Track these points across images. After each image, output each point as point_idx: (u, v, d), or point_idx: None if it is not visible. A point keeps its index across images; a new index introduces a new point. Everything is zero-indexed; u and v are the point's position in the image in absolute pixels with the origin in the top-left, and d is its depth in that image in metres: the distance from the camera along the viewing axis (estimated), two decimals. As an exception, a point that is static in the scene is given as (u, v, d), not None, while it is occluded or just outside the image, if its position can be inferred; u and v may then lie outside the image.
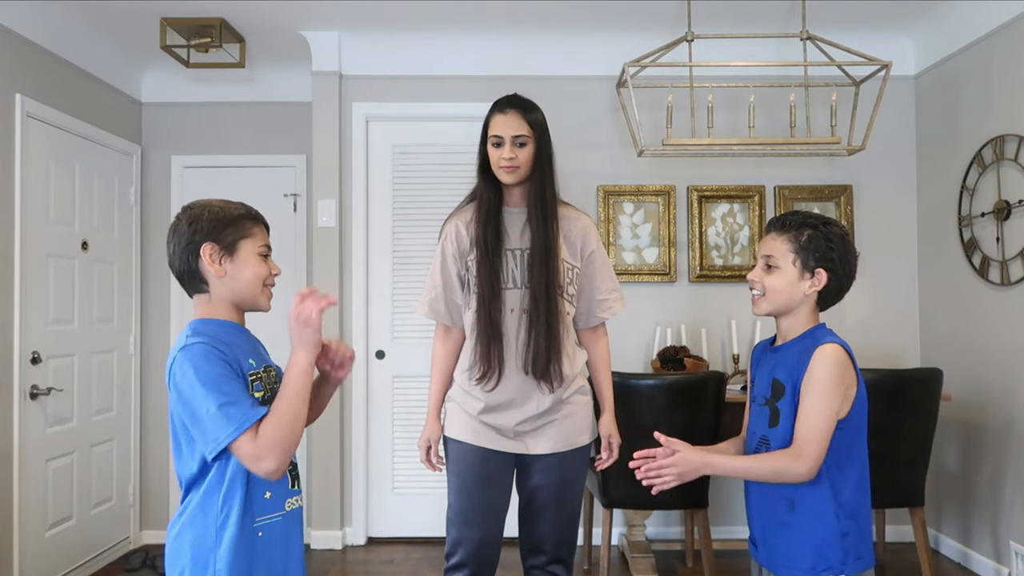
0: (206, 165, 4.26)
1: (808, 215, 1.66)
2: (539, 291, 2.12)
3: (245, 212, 1.54)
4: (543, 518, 2.18)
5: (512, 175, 2.15)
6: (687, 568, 3.59)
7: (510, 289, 2.16)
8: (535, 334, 2.12)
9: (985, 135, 3.45)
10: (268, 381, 1.52)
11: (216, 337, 1.45)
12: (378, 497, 3.99)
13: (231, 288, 1.50)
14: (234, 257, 1.50)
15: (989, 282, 3.43)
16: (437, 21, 3.72)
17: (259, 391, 1.47)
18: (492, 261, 2.14)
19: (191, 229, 1.48)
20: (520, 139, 2.15)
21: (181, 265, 1.49)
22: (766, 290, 1.65)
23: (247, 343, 1.54)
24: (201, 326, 1.48)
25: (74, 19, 3.55)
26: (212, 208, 1.51)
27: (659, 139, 3.79)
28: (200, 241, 1.48)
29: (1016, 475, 3.27)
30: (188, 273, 1.50)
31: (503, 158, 2.14)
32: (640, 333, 3.97)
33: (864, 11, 3.61)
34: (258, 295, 1.53)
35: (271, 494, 1.47)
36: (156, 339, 4.22)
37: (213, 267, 1.48)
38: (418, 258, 3.98)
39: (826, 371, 1.55)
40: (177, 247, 1.49)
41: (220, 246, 1.49)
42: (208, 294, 1.51)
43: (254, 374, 1.49)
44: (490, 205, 2.19)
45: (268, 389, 1.51)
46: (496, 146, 2.16)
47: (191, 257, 1.48)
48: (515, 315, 2.15)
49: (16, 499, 3.16)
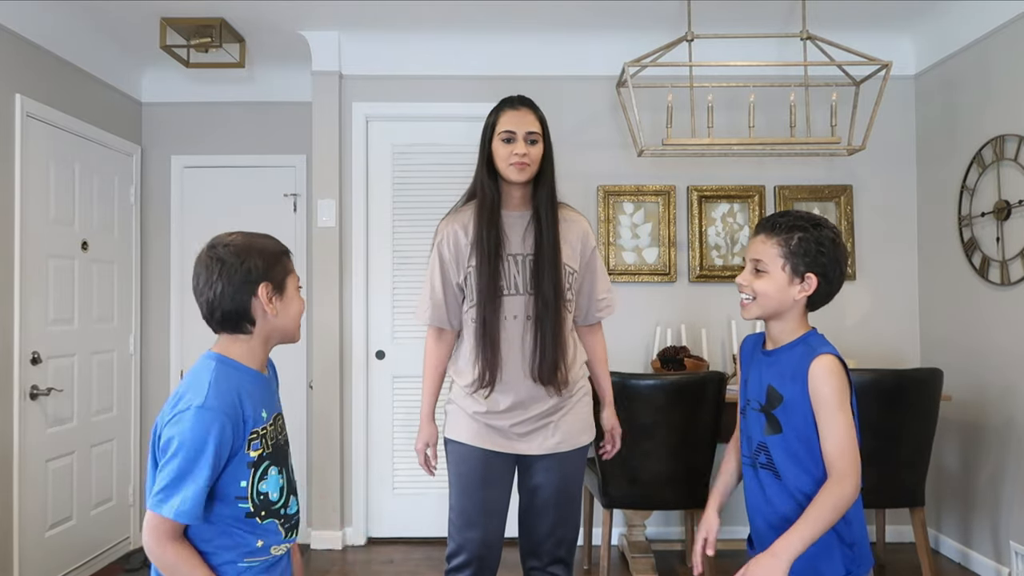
0: (206, 165, 4.26)
1: (798, 216, 1.62)
2: (548, 297, 2.09)
3: (282, 247, 1.53)
4: (543, 518, 2.18)
5: (523, 172, 2.11)
6: (687, 568, 3.59)
7: (511, 295, 2.12)
8: (542, 341, 2.09)
9: (985, 135, 3.45)
10: (272, 434, 1.51)
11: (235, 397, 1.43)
12: (378, 497, 3.99)
13: (276, 326, 1.49)
14: (283, 295, 1.49)
15: (989, 282, 3.43)
16: (437, 21, 3.72)
17: (256, 449, 1.45)
18: (494, 267, 2.10)
19: (244, 268, 1.43)
20: (532, 136, 2.12)
21: (233, 305, 1.44)
22: (755, 294, 1.63)
23: (266, 393, 1.52)
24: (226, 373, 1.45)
25: (74, 19, 3.55)
26: (256, 244, 1.47)
27: (659, 139, 3.79)
28: (257, 280, 1.45)
29: (1016, 475, 3.27)
30: (238, 314, 1.45)
31: (515, 154, 2.09)
32: (640, 333, 3.97)
33: (864, 11, 3.61)
34: (296, 329, 1.54)
35: (263, 543, 1.48)
36: (156, 339, 4.22)
37: (269, 307, 1.46)
38: (418, 258, 3.98)
39: (831, 385, 1.54)
40: (228, 287, 1.43)
41: (273, 284, 1.47)
42: (249, 334, 1.48)
43: (256, 433, 1.46)
44: (493, 206, 2.14)
45: (268, 446, 1.49)
46: (507, 142, 2.11)
47: (246, 297, 1.44)
48: (518, 321, 2.12)
49: (16, 499, 3.16)
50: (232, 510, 1.43)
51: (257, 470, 1.45)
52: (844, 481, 1.51)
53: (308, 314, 4.18)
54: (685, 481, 3.03)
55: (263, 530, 1.47)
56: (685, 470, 3.02)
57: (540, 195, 2.15)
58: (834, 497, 1.51)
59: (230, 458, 1.41)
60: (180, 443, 1.37)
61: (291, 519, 1.54)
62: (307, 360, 4.17)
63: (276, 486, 1.49)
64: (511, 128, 2.11)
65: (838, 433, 1.53)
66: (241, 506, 1.44)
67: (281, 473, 1.51)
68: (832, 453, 1.53)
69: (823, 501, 1.51)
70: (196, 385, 1.42)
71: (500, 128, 2.13)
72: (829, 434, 1.54)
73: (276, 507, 1.50)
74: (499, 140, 2.13)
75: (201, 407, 1.38)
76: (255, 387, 1.49)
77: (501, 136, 2.12)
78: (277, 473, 1.50)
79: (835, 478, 1.52)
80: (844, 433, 1.53)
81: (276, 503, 1.49)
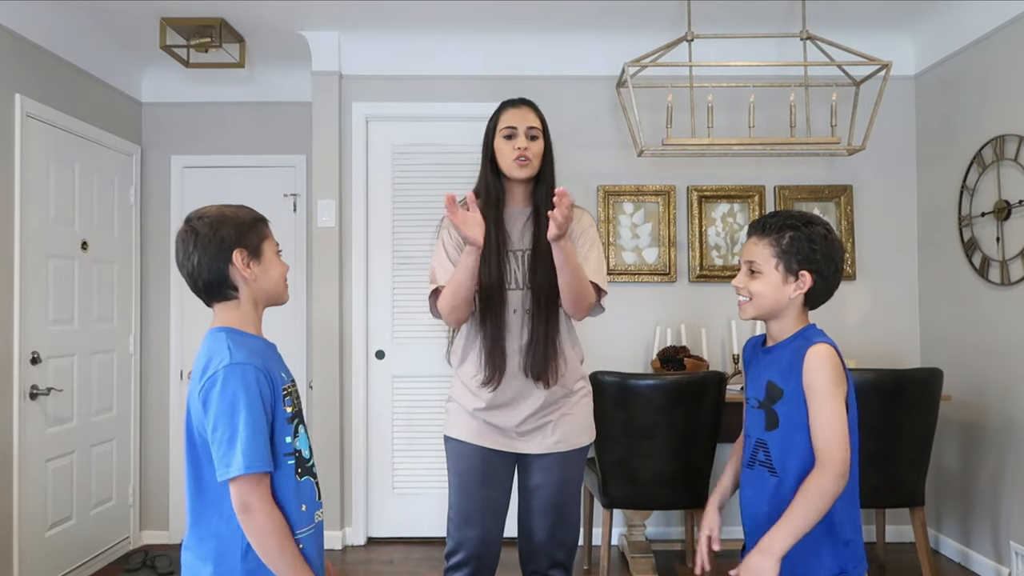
0: (206, 165, 4.26)
1: (789, 215, 1.63)
2: (541, 292, 2.12)
3: (257, 215, 1.59)
4: (542, 520, 2.18)
5: (525, 168, 2.15)
6: (687, 568, 3.59)
7: (512, 290, 2.16)
8: (535, 335, 2.12)
9: (985, 135, 3.45)
10: (295, 395, 1.58)
11: (257, 355, 1.48)
12: (378, 497, 3.99)
13: (260, 288, 1.56)
14: (260, 259, 1.55)
15: (989, 282, 3.43)
16: (437, 21, 3.72)
17: (289, 406, 1.52)
18: (499, 262, 2.14)
19: (217, 237, 1.50)
20: (532, 131, 2.17)
21: (211, 274, 1.50)
22: (752, 295, 1.64)
23: (277, 358, 1.58)
24: (239, 339, 1.49)
25: (74, 19, 3.55)
26: (228, 214, 1.54)
27: (659, 139, 3.79)
28: (230, 248, 1.50)
29: (1016, 475, 3.26)
30: (218, 281, 1.51)
31: (517, 148, 2.14)
32: (640, 333, 3.97)
33: (864, 11, 3.61)
34: (282, 290, 1.61)
35: (306, 507, 1.52)
36: (156, 339, 4.22)
37: (246, 271, 1.52)
38: (418, 258, 3.98)
39: (823, 371, 1.54)
40: (204, 256, 1.49)
41: (248, 250, 1.52)
42: (237, 299, 1.54)
43: (286, 388, 1.53)
44: (497, 203, 2.18)
45: (296, 404, 1.56)
46: (508, 138, 2.16)
47: (222, 264, 1.50)
48: (517, 315, 2.15)
49: (16, 499, 3.16)
50: (284, 471, 1.48)
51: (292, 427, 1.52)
52: (829, 469, 1.50)
53: (308, 313, 4.18)
54: (685, 481, 3.03)
55: (302, 489, 1.51)
56: (685, 470, 3.02)
57: (540, 192, 2.19)
58: (819, 485, 1.50)
59: (274, 414, 1.47)
60: (221, 403, 1.41)
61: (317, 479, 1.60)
62: (307, 360, 4.17)
63: (306, 444, 1.56)
64: (512, 124, 2.17)
65: (826, 420, 1.52)
66: (290, 463, 1.49)
67: (307, 433, 1.59)
68: (819, 439, 1.53)
69: (807, 489, 1.51)
70: (217, 352, 1.46)
71: (502, 125, 2.18)
72: (818, 421, 1.53)
73: (309, 465, 1.56)
74: (501, 137, 2.17)
75: (230, 364, 1.43)
76: (268, 350, 1.56)
77: (503, 133, 2.17)
78: (304, 432, 1.57)
79: (820, 465, 1.52)
80: (832, 420, 1.52)
81: (308, 461, 1.56)
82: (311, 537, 1.52)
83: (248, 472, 1.39)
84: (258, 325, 1.58)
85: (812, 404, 1.54)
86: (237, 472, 1.38)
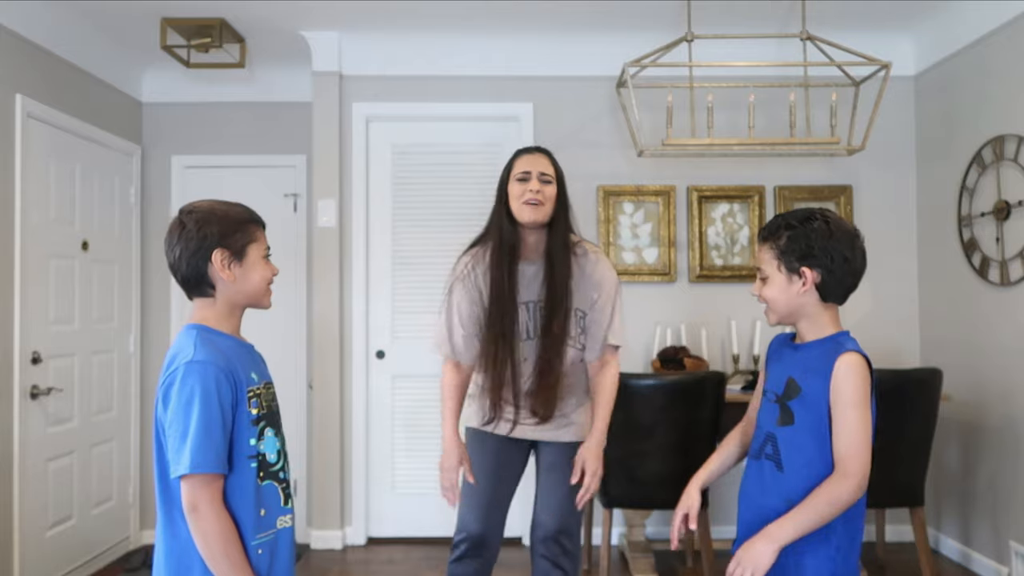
0: (206, 165, 4.26)
1: (788, 216, 1.63)
2: (551, 343, 2.20)
3: (249, 216, 1.55)
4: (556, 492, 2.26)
5: (536, 212, 2.16)
6: (687, 568, 3.59)
7: (523, 341, 2.23)
8: (542, 384, 2.21)
9: (985, 135, 3.45)
10: (267, 397, 1.54)
11: (223, 355, 1.46)
12: (378, 497, 3.99)
13: (238, 290, 1.52)
14: (243, 262, 1.51)
15: (989, 282, 3.43)
16: (437, 21, 3.72)
17: (256, 407, 1.49)
18: (510, 314, 2.20)
19: (200, 234, 1.47)
20: (546, 176, 2.20)
21: (189, 270, 1.48)
22: (766, 301, 1.66)
23: (249, 358, 1.55)
24: (208, 337, 1.48)
25: (74, 19, 3.55)
26: (217, 212, 1.51)
27: (659, 139, 3.79)
28: (211, 247, 1.48)
29: (1016, 475, 3.27)
30: (196, 278, 1.49)
31: (529, 190, 2.16)
32: (640, 333, 3.97)
33: (864, 11, 3.61)
34: (262, 296, 1.57)
35: (265, 512, 1.48)
36: (156, 339, 4.22)
37: (224, 272, 1.49)
38: (418, 258, 3.99)
39: (853, 382, 1.53)
40: (184, 252, 1.48)
41: (230, 252, 1.49)
42: (213, 298, 1.52)
43: (253, 390, 1.50)
44: (511, 252, 2.21)
45: (265, 406, 1.52)
46: (521, 181, 2.19)
47: (201, 262, 1.48)
48: (528, 364, 2.23)
49: (16, 499, 3.16)
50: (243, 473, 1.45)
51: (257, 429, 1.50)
52: (849, 479, 1.51)
53: (308, 313, 4.19)
54: (685, 481, 2.97)
55: (263, 493, 1.49)
56: (685, 470, 3.01)
57: (553, 242, 2.21)
58: (835, 492, 1.51)
59: (235, 415, 1.45)
60: (179, 400, 1.40)
61: (287, 484, 1.56)
62: (307, 360, 4.18)
63: (273, 448, 1.52)
64: (526, 168, 2.21)
65: (852, 430, 1.52)
66: (252, 466, 1.47)
67: (277, 436, 1.55)
68: (842, 450, 1.53)
69: (823, 493, 1.51)
70: (183, 348, 1.45)
71: (516, 170, 2.22)
72: (842, 430, 1.53)
73: (274, 469, 1.52)
74: (515, 181, 2.21)
75: (191, 361, 1.42)
76: (239, 351, 1.53)
77: (517, 176, 2.21)
78: (273, 435, 1.53)
79: (840, 474, 1.52)
80: (858, 431, 1.52)
81: (274, 465, 1.52)
82: (270, 543, 1.49)
83: (195, 472, 1.37)
84: (235, 324, 1.56)
85: (837, 413, 1.54)
86: (185, 471, 1.37)
